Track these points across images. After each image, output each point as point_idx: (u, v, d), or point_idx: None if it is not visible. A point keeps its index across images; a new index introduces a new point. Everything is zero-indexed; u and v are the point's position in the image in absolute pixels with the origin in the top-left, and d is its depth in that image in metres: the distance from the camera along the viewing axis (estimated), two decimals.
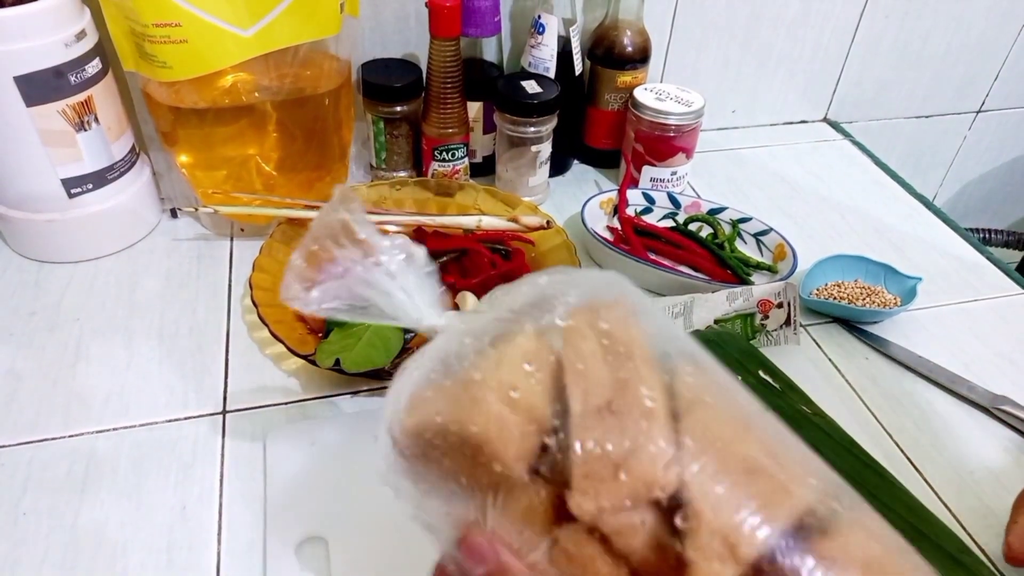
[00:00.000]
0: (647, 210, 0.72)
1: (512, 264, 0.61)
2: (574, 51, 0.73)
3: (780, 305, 0.57)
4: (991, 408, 0.55)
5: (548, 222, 0.63)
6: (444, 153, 0.72)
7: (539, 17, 0.70)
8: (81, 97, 0.57)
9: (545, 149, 0.72)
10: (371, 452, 0.47)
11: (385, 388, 0.53)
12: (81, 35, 0.56)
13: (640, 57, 0.75)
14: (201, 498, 0.47)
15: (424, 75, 0.70)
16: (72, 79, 0.56)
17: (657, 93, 0.73)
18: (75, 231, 0.62)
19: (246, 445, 0.50)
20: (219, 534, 0.45)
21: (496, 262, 0.61)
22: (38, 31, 0.54)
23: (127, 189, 0.64)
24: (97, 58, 0.58)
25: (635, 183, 0.75)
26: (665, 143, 0.72)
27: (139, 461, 0.49)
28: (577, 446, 0.24)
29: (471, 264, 0.62)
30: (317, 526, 0.44)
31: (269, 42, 0.60)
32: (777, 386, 0.48)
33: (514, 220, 0.63)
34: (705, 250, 0.68)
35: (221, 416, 0.52)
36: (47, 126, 0.56)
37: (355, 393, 0.54)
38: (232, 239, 0.68)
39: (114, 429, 0.50)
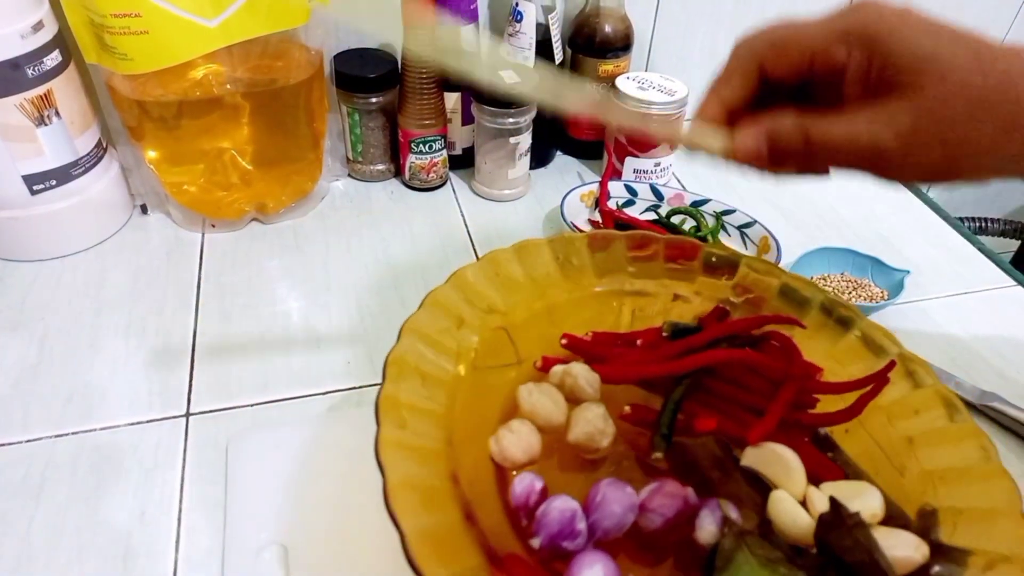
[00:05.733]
0: (629, 202, 0.71)
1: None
2: (554, 39, 0.71)
3: None
4: (978, 405, 0.53)
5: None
6: (421, 145, 0.70)
7: (517, 4, 0.68)
8: (40, 90, 0.55)
9: (524, 140, 0.70)
10: (335, 458, 0.46)
11: (356, 388, 0.52)
12: (38, 26, 0.54)
13: (622, 45, 0.73)
14: (161, 504, 0.45)
15: (399, 65, 0.68)
16: (29, 72, 0.54)
17: (640, 82, 0.71)
18: (39, 229, 0.61)
19: (209, 449, 0.48)
20: (177, 541, 0.43)
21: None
22: None
23: (94, 185, 0.63)
24: (57, 50, 0.56)
25: (618, 175, 0.74)
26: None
27: (98, 465, 0.47)
28: None
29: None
30: (277, 533, 0.43)
31: (235, 33, 0.58)
32: None
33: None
34: None
35: (184, 419, 0.50)
36: (5, 120, 0.55)
37: (325, 394, 0.52)
38: (203, 235, 0.66)
39: (74, 433, 0.49)
